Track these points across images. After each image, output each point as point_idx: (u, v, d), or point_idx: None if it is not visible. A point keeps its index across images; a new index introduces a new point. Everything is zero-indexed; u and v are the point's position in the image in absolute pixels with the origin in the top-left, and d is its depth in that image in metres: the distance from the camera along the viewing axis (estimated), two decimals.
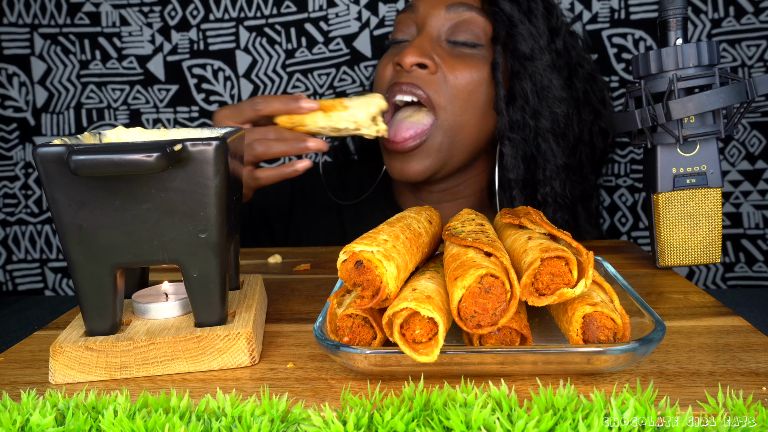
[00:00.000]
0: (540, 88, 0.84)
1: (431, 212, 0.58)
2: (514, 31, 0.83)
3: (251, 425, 0.37)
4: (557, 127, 0.85)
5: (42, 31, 1.18)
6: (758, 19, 1.07)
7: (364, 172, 1.02)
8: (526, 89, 0.84)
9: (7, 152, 1.22)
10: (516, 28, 0.83)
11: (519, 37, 0.83)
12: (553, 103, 0.84)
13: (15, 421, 0.37)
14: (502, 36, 0.84)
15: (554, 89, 0.84)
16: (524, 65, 0.83)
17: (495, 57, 0.84)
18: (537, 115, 0.84)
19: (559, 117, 0.85)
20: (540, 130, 0.84)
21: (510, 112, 0.84)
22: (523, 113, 0.84)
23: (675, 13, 0.68)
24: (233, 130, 0.52)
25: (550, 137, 0.85)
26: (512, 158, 0.85)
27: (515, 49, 0.83)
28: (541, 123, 0.84)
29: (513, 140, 0.85)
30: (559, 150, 0.86)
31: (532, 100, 0.84)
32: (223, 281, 0.48)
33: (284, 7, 1.16)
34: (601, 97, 0.92)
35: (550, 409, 0.37)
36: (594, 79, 0.92)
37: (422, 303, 0.41)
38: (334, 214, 0.99)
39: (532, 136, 0.85)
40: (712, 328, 0.53)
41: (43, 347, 0.53)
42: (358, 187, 1.00)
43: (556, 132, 0.85)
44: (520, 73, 0.84)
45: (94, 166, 0.41)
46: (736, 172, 1.11)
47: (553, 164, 0.85)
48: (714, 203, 0.69)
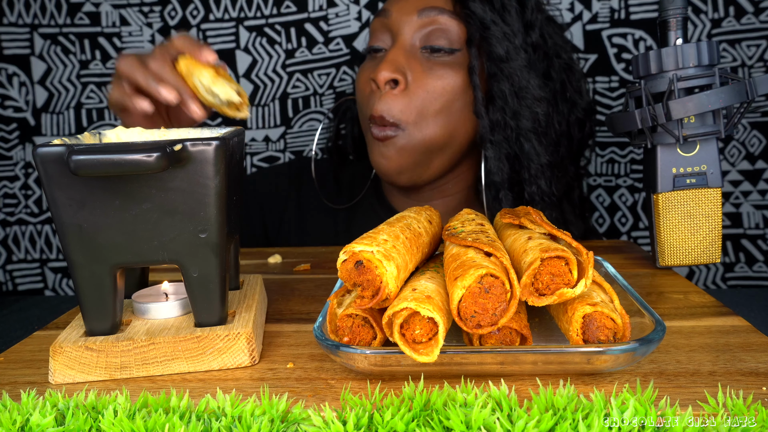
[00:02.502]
0: (518, 89, 0.84)
1: (431, 212, 0.58)
2: (487, 34, 0.83)
3: (251, 425, 0.37)
4: (538, 126, 0.85)
5: (42, 31, 1.18)
6: (758, 19, 1.07)
7: (358, 172, 1.02)
8: (504, 90, 0.83)
9: (7, 152, 1.22)
10: (489, 30, 0.83)
11: (493, 40, 0.82)
12: (533, 103, 0.84)
13: (15, 421, 0.37)
14: (476, 39, 0.83)
15: (532, 89, 0.84)
16: (500, 67, 0.83)
17: (471, 61, 0.84)
18: (517, 115, 0.84)
19: (540, 116, 0.85)
20: (521, 131, 0.84)
21: (490, 114, 0.85)
22: (503, 114, 0.84)
23: (675, 13, 0.68)
24: (233, 130, 0.52)
25: (532, 137, 0.85)
26: (496, 160, 0.85)
27: (490, 51, 0.83)
28: (522, 123, 0.84)
29: (495, 142, 0.85)
30: (542, 149, 0.86)
31: (511, 101, 0.84)
32: (223, 281, 0.48)
33: (284, 7, 1.16)
34: (578, 87, 0.92)
35: (550, 409, 0.37)
36: (571, 69, 0.91)
37: (422, 303, 0.41)
38: (328, 213, 0.99)
39: (514, 136, 0.85)
40: (712, 328, 0.53)
41: (43, 347, 0.53)
42: (351, 187, 1.00)
43: (538, 131, 0.85)
44: (497, 75, 0.84)
45: (94, 166, 0.41)
46: (736, 172, 1.11)
47: (537, 163, 0.85)
48: (714, 203, 0.69)
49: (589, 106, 0.94)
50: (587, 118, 0.94)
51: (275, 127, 1.20)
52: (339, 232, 0.98)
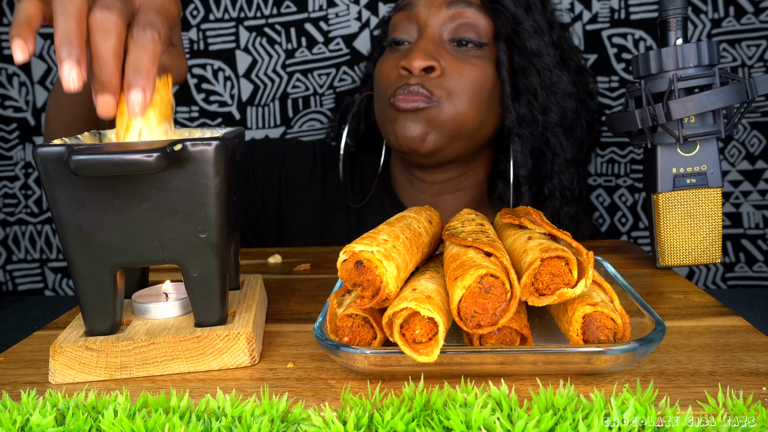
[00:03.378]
0: (549, 84, 0.84)
1: (431, 212, 0.58)
2: (519, 28, 0.83)
3: (251, 425, 0.37)
4: (566, 121, 0.86)
5: (42, 31, 1.18)
6: (758, 19, 1.07)
7: (366, 165, 1.01)
8: (535, 85, 0.84)
9: (7, 152, 1.22)
10: (521, 24, 0.83)
11: (525, 34, 0.83)
12: (563, 98, 0.85)
13: (15, 421, 0.37)
14: (505, 33, 0.84)
15: (563, 84, 0.85)
16: (532, 61, 0.84)
17: (498, 55, 0.84)
18: (546, 110, 0.84)
19: (568, 111, 0.85)
20: (549, 125, 0.85)
21: (517, 108, 0.85)
22: (531, 108, 0.85)
23: (675, 13, 0.68)
24: (233, 130, 0.52)
25: (559, 131, 0.85)
26: (521, 155, 0.86)
27: (522, 45, 0.83)
28: (550, 117, 0.85)
29: (522, 136, 0.85)
30: (568, 144, 0.86)
31: (540, 95, 0.84)
32: (223, 281, 0.48)
33: (284, 7, 1.16)
34: (589, 89, 0.93)
35: (550, 409, 0.37)
36: (582, 71, 0.93)
37: (422, 303, 0.41)
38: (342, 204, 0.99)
39: (541, 130, 0.85)
40: (712, 328, 0.53)
41: (43, 347, 0.53)
42: (361, 180, 1.00)
43: (565, 126, 0.86)
44: (527, 69, 0.84)
45: (94, 166, 0.41)
46: (736, 172, 1.11)
47: (562, 158, 0.86)
48: (714, 203, 0.69)
49: (598, 108, 0.95)
50: (595, 120, 0.95)
51: (275, 127, 1.20)
52: (351, 223, 0.98)
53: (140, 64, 0.46)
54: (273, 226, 1.00)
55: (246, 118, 1.20)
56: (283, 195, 0.99)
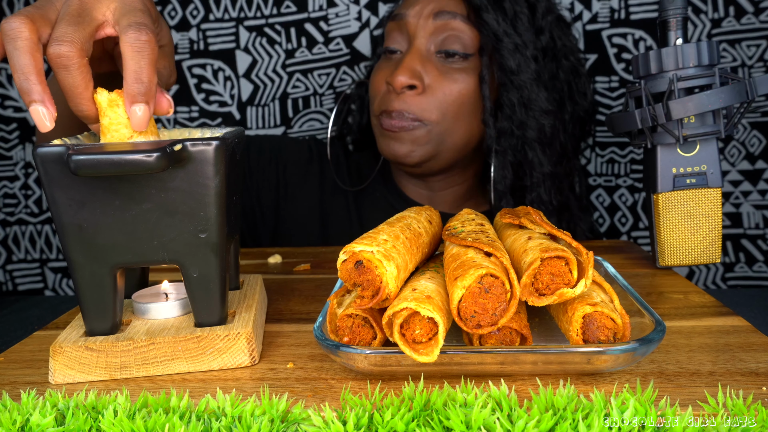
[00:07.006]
0: (527, 101, 0.86)
1: (431, 212, 0.58)
2: (499, 46, 0.85)
3: (251, 425, 0.37)
4: (543, 137, 0.88)
5: None
6: (758, 19, 1.07)
7: (363, 161, 1.03)
8: (513, 101, 0.86)
9: (7, 152, 1.22)
10: (501, 42, 0.85)
11: (505, 52, 0.85)
12: (540, 115, 0.87)
13: (15, 421, 0.37)
14: (489, 49, 0.85)
15: (540, 102, 0.86)
16: (510, 79, 0.86)
17: (482, 70, 0.86)
18: (523, 125, 0.87)
19: (546, 128, 0.87)
20: (527, 140, 0.87)
21: (498, 123, 0.87)
22: (510, 123, 0.87)
23: (675, 13, 0.68)
24: (233, 130, 0.52)
25: (537, 146, 0.88)
26: (500, 168, 0.88)
27: (501, 63, 0.85)
28: (527, 133, 0.87)
29: (500, 151, 0.88)
30: (545, 158, 0.88)
31: (518, 111, 0.86)
32: (223, 281, 0.48)
33: (284, 7, 1.16)
34: (583, 89, 0.94)
35: (550, 409, 0.37)
36: (577, 71, 0.93)
37: (422, 303, 0.41)
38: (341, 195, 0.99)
39: (519, 144, 0.88)
40: (712, 328, 0.53)
41: (43, 347, 0.53)
42: (358, 174, 1.01)
43: (543, 141, 0.88)
44: (507, 85, 0.86)
45: (94, 166, 0.41)
46: (736, 172, 1.11)
47: (539, 172, 0.88)
48: (714, 203, 0.69)
49: (591, 107, 0.96)
50: (588, 118, 0.96)
51: (275, 127, 1.20)
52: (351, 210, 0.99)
53: (141, 74, 0.46)
54: (269, 222, 1.00)
55: (246, 118, 1.20)
56: (280, 191, 1.00)
